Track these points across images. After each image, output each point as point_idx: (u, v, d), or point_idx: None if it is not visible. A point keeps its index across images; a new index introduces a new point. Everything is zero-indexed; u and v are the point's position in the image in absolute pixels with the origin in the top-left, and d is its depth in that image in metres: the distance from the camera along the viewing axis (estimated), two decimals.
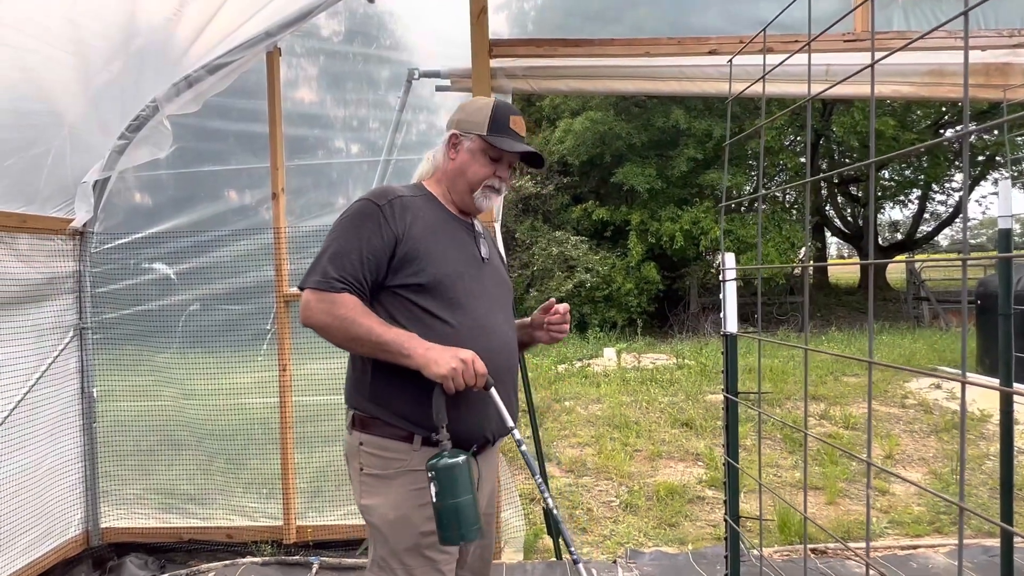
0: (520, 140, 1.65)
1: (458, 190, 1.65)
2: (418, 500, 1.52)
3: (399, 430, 1.55)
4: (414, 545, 1.51)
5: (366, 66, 3.42)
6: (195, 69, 3.11)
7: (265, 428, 3.37)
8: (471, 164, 1.63)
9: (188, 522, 3.37)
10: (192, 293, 3.29)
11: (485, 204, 1.66)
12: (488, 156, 1.63)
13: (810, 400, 6.46)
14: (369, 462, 1.58)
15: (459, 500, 1.38)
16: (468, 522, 1.39)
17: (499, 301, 1.67)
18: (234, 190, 3.36)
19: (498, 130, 1.61)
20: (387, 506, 1.54)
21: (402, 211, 1.57)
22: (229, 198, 3.37)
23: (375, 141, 3.45)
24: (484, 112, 1.63)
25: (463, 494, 1.38)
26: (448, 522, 1.39)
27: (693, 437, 5.37)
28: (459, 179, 1.65)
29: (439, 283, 1.53)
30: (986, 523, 3.71)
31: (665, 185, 13.77)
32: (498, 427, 1.61)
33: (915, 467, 4.69)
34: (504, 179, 1.66)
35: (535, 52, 3.15)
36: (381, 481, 1.56)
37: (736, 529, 1.58)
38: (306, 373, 3.32)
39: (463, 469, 1.40)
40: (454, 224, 1.65)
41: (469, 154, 1.63)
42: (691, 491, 4.29)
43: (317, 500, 3.39)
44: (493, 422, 1.60)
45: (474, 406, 1.56)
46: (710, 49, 3.16)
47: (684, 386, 7.04)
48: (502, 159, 1.64)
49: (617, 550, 3.54)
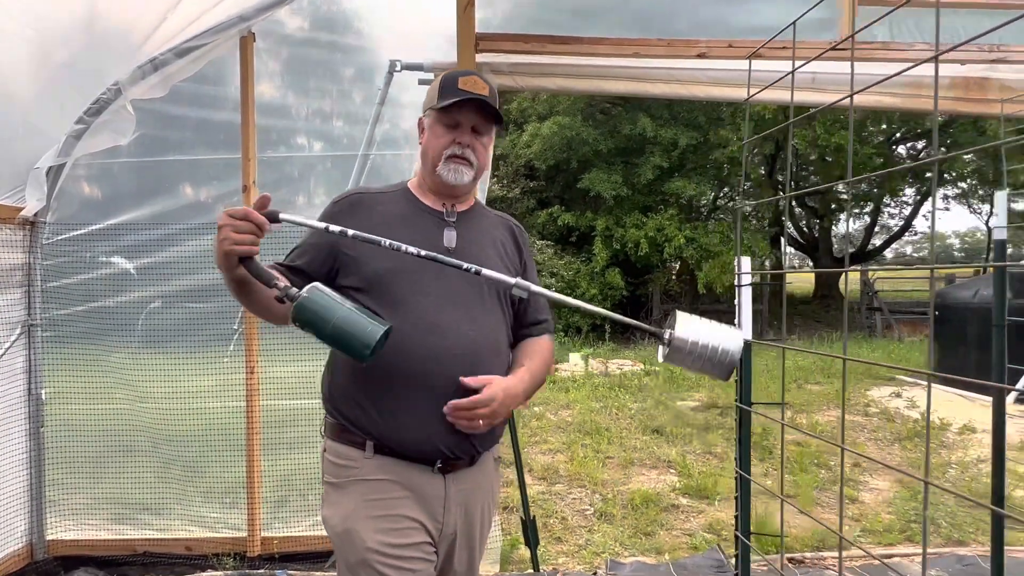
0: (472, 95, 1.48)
1: (427, 171, 1.54)
2: (369, 511, 1.40)
3: (354, 436, 1.44)
4: (362, 560, 1.37)
5: (331, 58, 3.27)
6: (162, 52, 2.93)
7: (229, 434, 3.19)
8: (431, 139, 1.52)
9: (143, 533, 3.17)
10: (153, 290, 3.09)
11: (453, 177, 1.49)
12: (443, 124, 1.50)
13: (777, 408, 6.51)
14: (328, 469, 1.49)
15: (335, 321, 1.23)
16: (363, 327, 1.24)
17: (464, 297, 1.46)
18: (201, 181, 3.17)
19: (447, 95, 1.47)
20: (338, 517, 1.42)
21: (350, 209, 1.51)
22: (195, 190, 3.18)
23: (339, 137, 3.30)
24: (435, 85, 1.53)
25: (333, 314, 1.24)
26: (348, 344, 1.24)
27: (664, 444, 5.34)
28: (425, 159, 1.54)
29: (378, 280, 1.43)
30: (955, 532, 3.76)
31: (630, 192, 13.85)
32: (452, 440, 1.41)
33: (882, 475, 4.74)
34: (467, 144, 1.49)
35: (522, 48, 3.06)
36: (335, 490, 1.45)
37: (748, 544, 1.51)
38: (274, 376, 3.15)
39: (313, 298, 1.25)
40: (418, 215, 1.53)
41: (429, 131, 1.53)
42: (665, 499, 4.25)
43: (283, 510, 3.22)
44: (450, 435, 1.41)
45: (415, 412, 1.40)
46: (699, 52, 3.11)
47: (653, 392, 7.04)
48: (459, 124, 1.49)
49: (594, 560, 3.46)
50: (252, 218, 1.25)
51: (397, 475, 1.42)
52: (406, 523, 1.40)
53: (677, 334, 1.34)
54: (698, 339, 1.33)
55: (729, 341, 1.33)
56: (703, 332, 1.33)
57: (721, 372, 1.36)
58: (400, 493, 1.41)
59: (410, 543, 1.39)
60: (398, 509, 1.40)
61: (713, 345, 1.32)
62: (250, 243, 1.26)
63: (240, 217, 1.25)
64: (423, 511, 1.43)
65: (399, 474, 1.42)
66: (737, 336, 1.34)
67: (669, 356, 1.37)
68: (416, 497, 1.42)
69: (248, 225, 1.25)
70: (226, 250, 1.25)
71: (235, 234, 1.24)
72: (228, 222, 1.25)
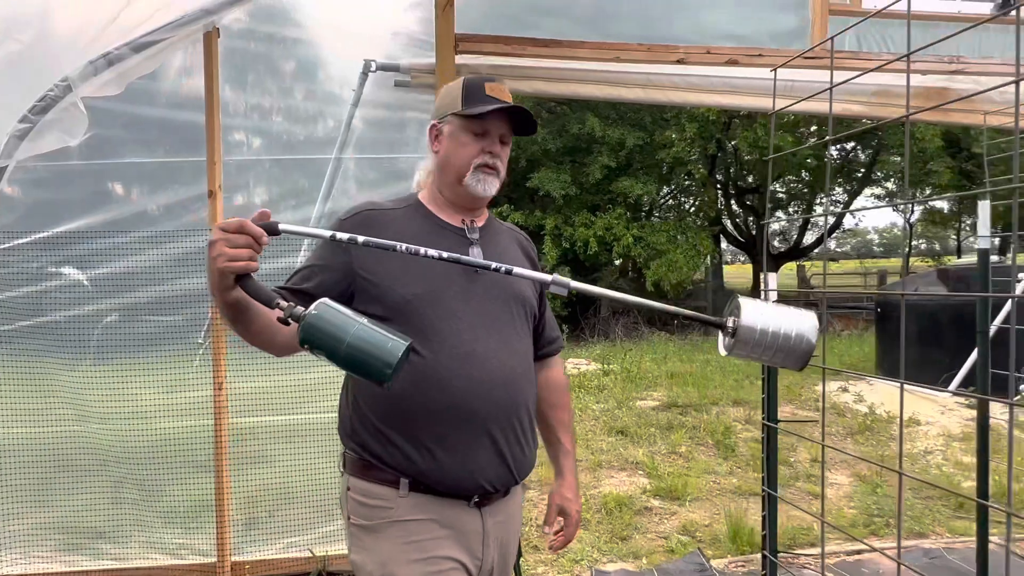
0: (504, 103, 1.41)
1: (448, 182, 1.43)
2: (409, 555, 1.31)
3: (385, 473, 1.34)
4: None
5: (270, 51, 3.11)
6: (117, 46, 2.73)
7: (193, 453, 3.01)
8: (455, 147, 1.41)
9: (100, 563, 2.95)
10: (110, 302, 2.88)
11: (481, 188, 1.41)
12: (471, 132, 1.40)
13: (732, 405, 6.66)
14: (355, 511, 1.38)
15: (350, 339, 1.09)
16: (382, 344, 1.10)
17: (495, 319, 1.40)
18: (161, 186, 2.97)
19: (474, 100, 1.38)
20: (373, 563, 1.33)
21: (363, 226, 1.36)
22: (154, 195, 2.98)
23: (279, 134, 3.14)
24: (456, 89, 1.42)
25: (348, 331, 1.09)
26: (367, 365, 1.10)
27: (630, 445, 5.37)
28: (447, 169, 1.43)
29: (405, 305, 1.33)
30: (916, 524, 3.91)
31: (579, 191, 13.95)
32: (496, 473, 1.36)
33: (839, 469, 4.90)
34: (496, 154, 1.42)
35: (503, 50, 2.98)
36: (367, 533, 1.36)
37: (775, 562, 1.49)
38: (241, 391, 2.99)
39: (323, 315, 1.10)
40: (438, 233, 1.42)
41: (450, 138, 1.42)
42: (638, 502, 4.26)
43: (253, 532, 3.06)
44: (491, 468, 1.35)
45: (455, 446, 1.33)
46: (678, 58, 3.11)
47: (614, 392, 7.08)
48: (488, 132, 1.40)
49: (574, 568, 3.43)
50: (248, 230, 1.11)
51: (435, 513, 1.34)
52: (448, 564, 1.32)
53: (744, 323, 1.19)
54: (768, 326, 1.18)
55: (803, 324, 1.18)
56: (773, 318, 1.19)
57: (796, 361, 1.21)
58: (439, 533, 1.33)
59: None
60: (439, 551, 1.32)
61: (786, 332, 1.17)
62: (247, 259, 1.11)
63: (235, 230, 1.10)
64: (463, 550, 1.35)
65: (437, 512, 1.34)
66: (811, 318, 1.20)
67: (735, 348, 1.22)
68: (455, 535, 1.35)
69: (245, 239, 1.11)
70: (220, 267, 1.10)
71: (230, 249, 1.10)
72: (221, 236, 1.10)
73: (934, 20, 3.18)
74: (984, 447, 2.13)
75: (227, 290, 1.14)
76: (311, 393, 2.99)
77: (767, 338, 1.18)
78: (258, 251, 1.13)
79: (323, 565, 3.00)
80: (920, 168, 14.72)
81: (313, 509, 3.07)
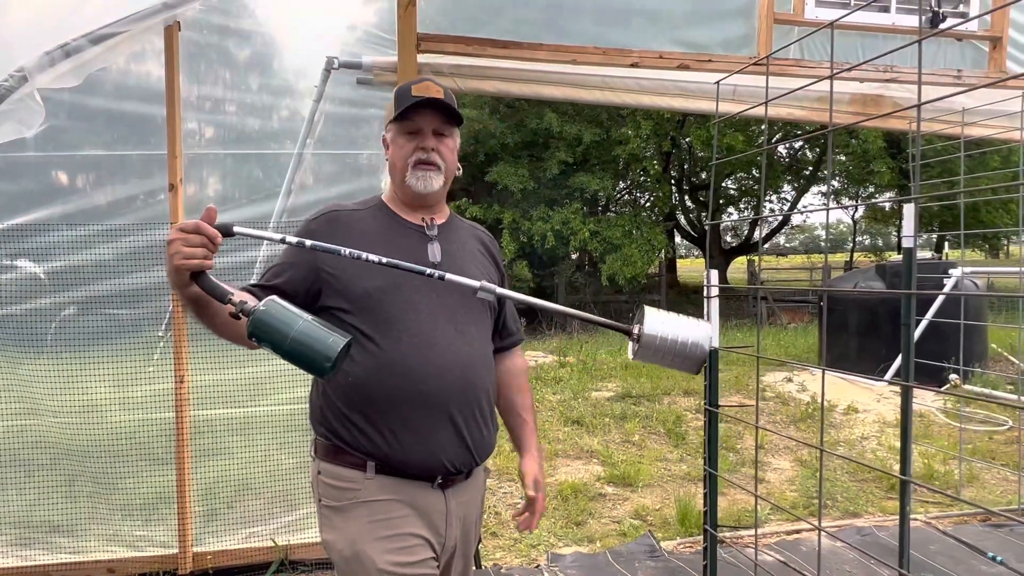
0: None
1: (397, 184, 1.54)
2: (376, 532, 1.41)
3: (353, 457, 1.44)
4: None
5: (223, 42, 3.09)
6: (75, 37, 2.71)
7: (152, 445, 3.02)
8: (395, 150, 1.53)
9: (57, 557, 2.94)
10: (67, 295, 2.86)
11: (422, 185, 1.49)
12: (405, 133, 1.51)
13: (683, 395, 6.89)
14: (326, 493, 1.47)
15: (294, 334, 1.18)
16: (323, 339, 1.19)
17: (453, 311, 1.49)
18: (119, 179, 2.96)
19: (402, 103, 1.49)
20: (343, 541, 1.42)
21: (327, 226, 1.49)
22: (112, 188, 2.97)
23: (233, 126, 3.14)
24: (392, 101, 1.55)
25: (292, 327, 1.18)
26: (309, 358, 1.19)
27: (586, 435, 5.53)
28: (393, 172, 1.55)
29: (367, 298, 1.42)
30: (851, 505, 4.16)
31: (536, 186, 14.09)
32: (456, 453, 1.45)
33: (782, 455, 5.14)
34: (431, 148, 1.50)
35: (464, 50, 3.06)
36: (337, 513, 1.45)
37: (715, 535, 1.63)
38: (202, 384, 3.01)
39: (270, 310, 1.20)
40: (399, 230, 1.52)
41: (392, 144, 1.54)
42: (592, 489, 4.41)
43: (214, 523, 3.09)
44: (451, 448, 1.44)
45: (417, 429, 1.42)
46: (632, 62, 3.24)
47: (570, 384, 7.24)
48: (420, 130, 1.50)
49: (531, 553, 3.56)
50: (203, 231, 1.21)
51: (400, 494, 1.43)
52: (413, 541, 1.41)
53: (646, 330, 1.34)
54: (667, 334, 1.33)
55: (698, 334, 1.34)
56: (671, 326, 1.34)
57: (692, 366, 1.36)
58: (404, 512, 1.42)
59: (418, 560, 1.41)
60: (404, 528, 1.41)
61: (682, 339, 1.33)
62: (202, 257, 1.21)
63: (191, 231, 1.20)
64: (427, 527, 1.44)
65: (402, 493, 1.43)
66: (706, 328, 1.36)
67: (639, 353, 1.37)
68: (420, 514, 1.44)
69: (199, 239, 1.20)
70: (176, 264, 1.20)
71: (186, 248, 1.19)
72: (178, 236, 1.20)
73: (871, 32, 3.38)
74: (907, 427, 2.33)
75: (184, 286, 1.24)
76: (269, 386, 3.04)
77: (667, 344, 1.34)
78: (213, 250, 1.23)
79: (285, 554, 3.05)
80: (863, 168, 15.33)
81: (273, 500, 3.11)
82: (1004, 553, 3.23)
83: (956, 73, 3.47)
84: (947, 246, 14.71)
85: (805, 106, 3.63)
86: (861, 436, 5.64)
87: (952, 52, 3.62)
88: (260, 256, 2.97)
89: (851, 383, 7.05)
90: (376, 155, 3.17)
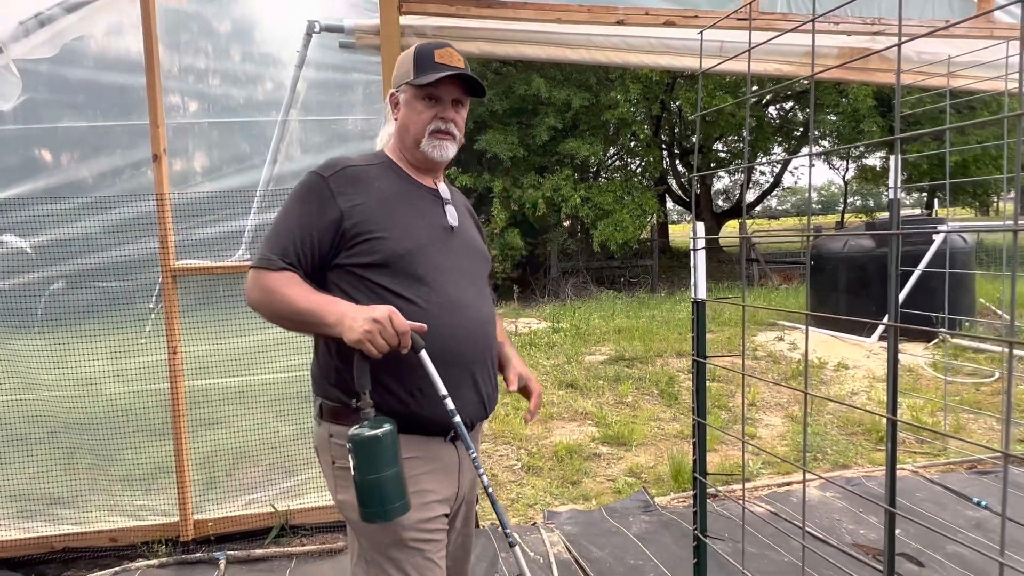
0: (453, 70, 1.49)
1: (408, 147, 1.53)
2: None
3: None
4: (397, 539, 1.41)
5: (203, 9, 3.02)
6: (49, 6, 2.66)
7: (149, 417, 3.04)
8: (410, 115, 1.50)
9: (60, 528, 2.98)
10: (54, 269, 2.85)
11: (438, 153, 1.50)
12: (423, 99, 1.49)
13: (676, 357, 6.96)
14: (341, 454, 1.45)
15: (380, 475, 1.27)
16: (389, 499, 1.29)
17: (471, 273, 1.54)
18: (102, 151, 2.92)
19: (424, 69, 1.47)
20: None
21: (350, 182, 1.45)
22: (95, 160, 2.93)
23: (218, 97, 3.09)
24: (408, 58, 1.51)
25: (385, 468, 1.27)
26: (368, 499, 1.29)
27: (580, 397, 5.59)
28: (405, 136, 1.52)
29: (400, 259, 1.42)
30: (840, 457, 4.24)
31: (526, 153, 13.99)
32: (474, 409, 1.51)
33: (774, 412, 5.22)
34: (450, 119, 1.50)
35: (447, 11, 3.03)
36: None
37: (704, 482, 1.66)
38: (197, 354, 3.02)
39: (384, 442, 1.28)
40: (416, 192, 1.52)
41: (406, 107, 1.51)
42: (587, 449, 4.48)
43: (213, 491, 3.13)
44: (471, 405, 1.49)
45: (446, 384, 1.43)
46: (617, 19, 3.21)
47: (564, 349, 7.29)
48: (440, 98, 1.49)
49: (528, 512, 3.62)
50: (404, 341, 1.32)
51: (418, 451, 1.45)
52: (431, 497, 1.45)
53: None
54: None
55: None
56: None
57: None
58: (423, 468, 1.45)
59: (434, 516, 1.45)
60: (423, 484, 1.44)
61: None
62: (380, 349, 1.31)
63: (400, 331, 1.31)
64: (444, 481, 1.48)
65: (420, 449, 1.45)
66: None
67: None
68: (436, 469, 1.47)
69: (395, 341, 1.31)
70: (366, 346, 1.30)
71: (380, 340, 1.30)
72: (387, 327, 1.30)
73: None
74: (894, 368, 2.36)
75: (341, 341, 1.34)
76: (263, 355, 3.05)
77: None
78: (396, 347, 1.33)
79: (285, 519, 3.10)
80: (853, 128, 15.26)
81: (272, 467, 3.15)
82: (988, 498, 3.31)
83: (943, 23, 3.44)
84: (936, 203, 14.75)
85: (792, 61, 3.60)
86: (851, 391, 5.72)
87: (940, 3, 3.60)
88: (248, 225, 2.96)
89: (841, 340, 7.13)
90: (364, 120, 3.14)
